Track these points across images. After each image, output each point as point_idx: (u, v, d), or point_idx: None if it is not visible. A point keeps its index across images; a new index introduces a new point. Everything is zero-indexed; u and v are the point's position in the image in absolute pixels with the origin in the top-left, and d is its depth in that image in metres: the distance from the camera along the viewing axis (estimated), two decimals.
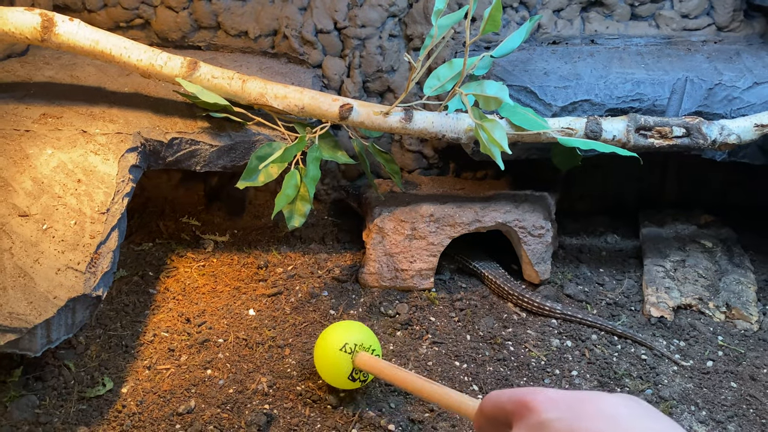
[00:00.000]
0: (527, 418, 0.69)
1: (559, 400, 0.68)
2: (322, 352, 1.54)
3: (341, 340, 1.52)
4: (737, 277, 2.02)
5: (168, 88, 1.92)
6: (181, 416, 1.50)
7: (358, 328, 1.58)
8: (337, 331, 1.57)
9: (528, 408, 0.69)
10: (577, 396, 0.69)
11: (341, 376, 1.51)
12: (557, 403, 0.68)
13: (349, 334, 1.54)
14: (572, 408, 0.67)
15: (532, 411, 0.69)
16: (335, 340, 1.53)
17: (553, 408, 0.68)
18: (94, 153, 1.68)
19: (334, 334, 1.56)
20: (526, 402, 0.70)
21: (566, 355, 1.77)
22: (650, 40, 2.22)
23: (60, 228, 1.52)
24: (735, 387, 1.70)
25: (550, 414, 0.67)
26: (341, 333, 1.55)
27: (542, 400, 0.69)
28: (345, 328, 1.58)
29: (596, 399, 0.67)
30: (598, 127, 1.80)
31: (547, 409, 0.68)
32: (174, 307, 1.84)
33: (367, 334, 1.56)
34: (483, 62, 1.87)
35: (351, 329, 1.57)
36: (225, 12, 2.14)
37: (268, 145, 1.78)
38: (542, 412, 0.68)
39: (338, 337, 1.53)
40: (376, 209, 1.98)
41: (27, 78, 1.91)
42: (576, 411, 0.66)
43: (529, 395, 0.70)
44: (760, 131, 1.83)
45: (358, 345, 1.52)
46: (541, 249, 1.97)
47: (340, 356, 1.50)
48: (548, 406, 0.68)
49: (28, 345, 1.35)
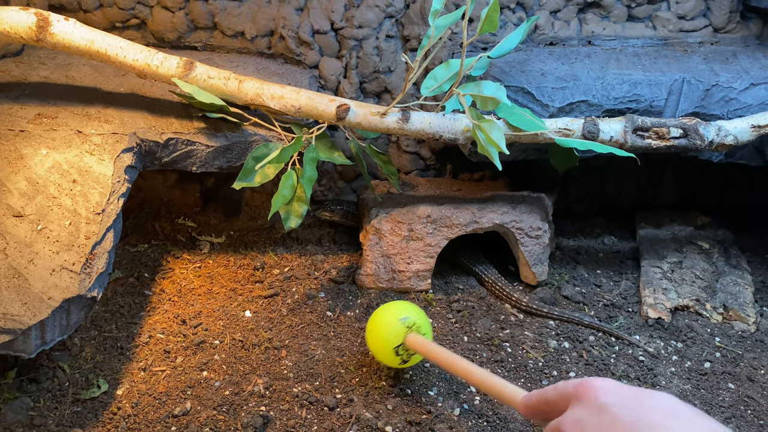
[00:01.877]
0: (587, 399, 0.73)
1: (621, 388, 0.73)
2: (381, 316, 1.59)
3: (405, 313, 1.56)
4: (734, 278, 2.02)
5: (164, 88, 1.91)
6: (177, 418, 1.49)
7: (420, 312, 1.61)
8: (402, 305, 1.62)
9: (590, 390, 0.73)
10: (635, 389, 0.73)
11: (389, 344, 1.54)
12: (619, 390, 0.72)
13: (413, 313, 1.58)
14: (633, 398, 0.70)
15: (592, 393, 0.73)
16: (399, 311, 1.58)
17: (614, 393, 0.72)
18: (90, 153, 1.67)
19: (398, 306, 1.61)
20: (588, 385, 0.74)
21: (564, 356, 1.76)
22: (647, 42, 2.22)
23: (55, 228, 1.51)
24: (732, 388, 1.69)
25: (610, 398, 0.71)
26: (407, 308, 1.60)
27: (605, 385, 0.73)
28: (409, 307, 1.62)
29: (654, 394, 0.71)
30: (595, 128, 1.80)
31: (608, 393, 0.72)
32: (170, 309, 1.83)
33: (427, 322, 1.60)
34: (480, 63, 1.87)
35: (416, 310, 1.61)
36: (221, 12, 2.14)
37: (265, 146, 1.77)
38: (602, 395, 0.72)
39: (403, 310, 1.58)
40: (373, 210, 1.98)
41: (22, 78, 1.90)
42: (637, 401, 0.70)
43: (592, 380, 0.75)
44: (756, 132, 1.83)
45: (416, 325, 1.55)
46: (538, 250, 1.97)
47: (398, 326, 1.54)
48: (610, 391, 0.72)
49: (23, 346, 1.34)
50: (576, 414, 0.73)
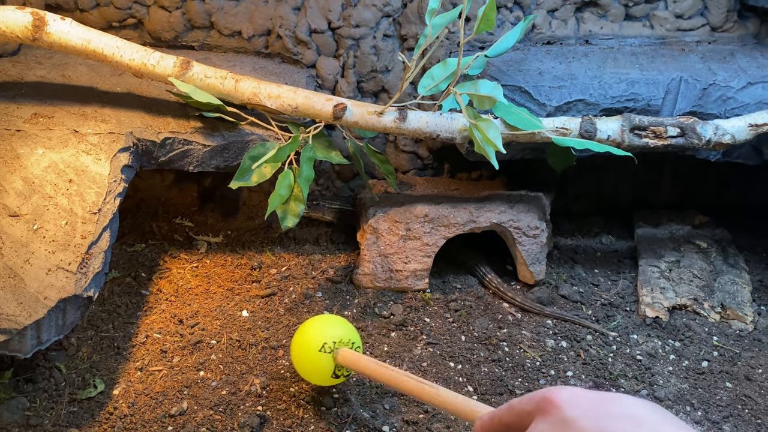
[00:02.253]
0: (550, 414, 0.69)
1: (583, 397, 0.68)
2: (301, 355, 1.48)
3: (319, 340, 1.45)
4: (732, 277, 2.02)
5: (161, 87, 1.91)
6: (174, 418, 1.48)
7: (336, 323, 1.51)
8: (313, 328, 1.49)
9: (552, 404, 0.69)
10: (600, 395, 0.68)
11: (325, 376, 1.47)
12: (582, 400, 0.68)
13: (326, 332, 1.47)
14: (597, 406, 0.67)
15: (556, 407, 0.68)
16: (312, 341, 1.46)
17: (577, 405, 0.67)
18: (86, 153, 1.67)
19: (310, 332, 1.48)
20: (550, 398, 0.69)
21: (561, 355, 1.76)
22: (644, 41, 2.22)
23: (51, 228, 1.50)
24: (730, 387, 1.69)
25: (574, 411, 0.67)
26: (319, 331, 1.48)
27: (566, 397, 0.69)
28: (322, 325, 1.50)
29: (620, 399, 0.67)
30: (592, 127, 1.80)
31: (571, 406, 0.68)
32: (167, 309, 1.82)
33: (346, 328, 1.49)
34: (477, 62, 1.87)
35: (327, 325, 1.50)
36: (218, 12, 2.13)
37: (262, 145, 1.77)
38: (566, 409, 0.68)
39: (316, 337, 1.46)
40: (370, 210, 1.97)
41: (18, 78, 1.90)
42: (601, 410, 0.66)
43: (552, 392, 0.70)
44: (754, 131, 1.83)
45: (337, 342, 1.45)
46: (536, 249, 1.97)
47: (320, 357, 1.44)
48: (573, 403, 0.68)
49: (18, 346, 1.34)
50: (539, 429, 0.69)
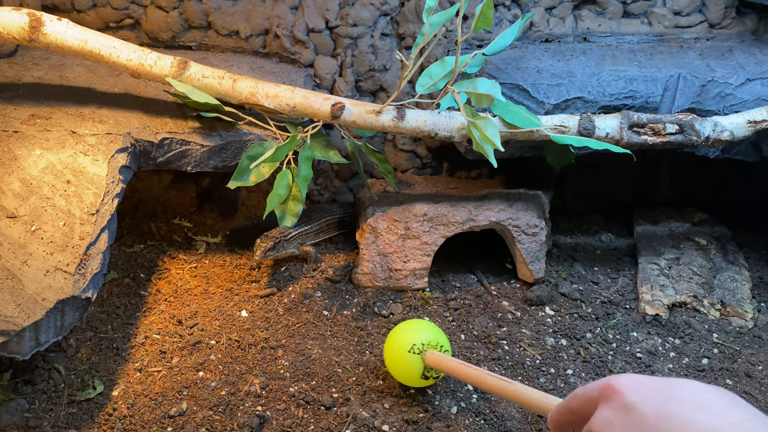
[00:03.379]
0: (613, 400, 0.70)
1: (645, 383, 0.70)
2: (393, 356, 1.55)
3: (408, 342, 1.53)
4: (732, 274, 2.02)
5: (158, 88, 1.90)
6: (173, 419, 1.48)
7: (425, 327, 1.58)
8: (404, 332, 1.58)
9: (614, 390, 0.71)
10: (662, 380, 0.70)
11: (414, 376, 1.53)
12: (644, 386, 0.69)
13: (415, 335, 1.54)
14: (659, 392, 0.68)
15: (618, 393, 0.70)
16: (403, 343, 1.54)
17: (639, 391, 0.69)
18: (84, 154, 1.67)
19: (401, 335, 1.56)
20: (612, 384, 0.71)
21: (561, 353, 1.76)
22: (643, 38, 2.22)
23: (49, 229, 1.50)
24: (731, 384, 1.69)
25: (636, 396, 0.69)
26: (408, 334, 1.55)
27: (628, 383, 0.70)
28: (412, 329, 1.58)
29: (683, 384, 0.69)
30: (591, 125, 1.80)
31: (633, 392, 0.69)
32: (166, 309, 1.82)
33: (435, 332, 1.56)
34: (475, 60, 1.86)
35: (418, 329, 1.57)
36: (216, 12, 2.13)
37: (260, 145, 1.77)
38: (628, 394, 0.69)
39: (406, 339, 1.54)
40: (369, 209, 1.97)
41: (15, 79, 1.90)
42: (663, 395, 0.67)
43: (615, 379, 0.72)
44: (753, 128, 1.83)
45: (425, 344, 1.52)
46: (535, 248, 1.97)
47: (410, 358, 1.52)
48: (635, 389, 0.69)
49: (17, 348, 1.33)
50: (603, 415, 0.71)
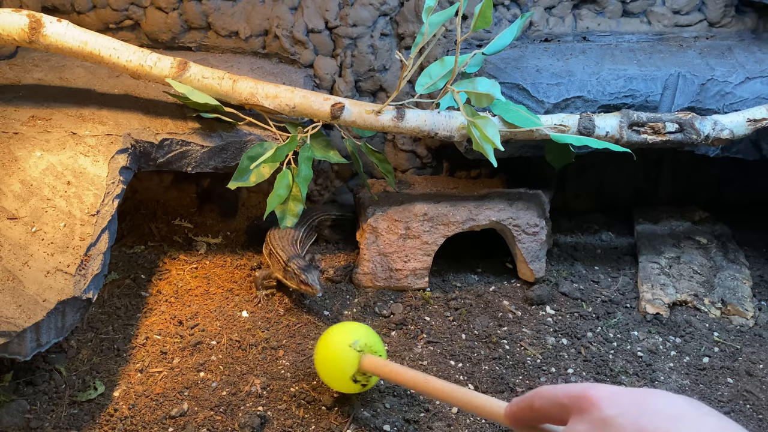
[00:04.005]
0: (588, 413, 0.68)
1: (621, 395, 0.67)
2: (329, 346, 1.49)
3: (352, 337, 1.47)
4: (732, 272, 2.02)
5: (158, 89, 1.91)
6: (174, 419, 1.48)
7: (367, 330, 1.52)
8: (346, 328, 1.53)
9: (590, 402, 0.68)
10: (639, 392, 0.67)
11: (345, 375, 1.45)
12: (620, 398, 0.67)
13: (360, 333, 1.49)
14: (635, 404, 0.66)
15: (594, 406, 0.67)
16: (345, 336, 1.48)
17: (616, 404, 0.66)
18: (84, 155, 1.67)
19: (343, 330, 1.51)
20: (588, 396, 0.68)
21: (562, 353, 1.76)
22: (642, 37, 2.22)
23: (49, 230, 1.50)
24: (731, 383, 1.69)
25: (613, 410, 0.66)
26: (352, 330, 1.50)
27: (604, 395, 0.68)
28: (355, 328, 1.53)
29: (657, 395, 0.67)
30: (591, 124, 1.80)
31: (610, 405, 0.67)
32: (166, 310, 1.82)
33: (376, 338, 1.51)
34: (475, 60, 1.86)
35: (361, 329, 1.52)
36: (215, 12, 2.13)
37: (260, 145, 1.77)
38: (605, 407, 0.67)
39: (349, 334, 1.48)
40: (369, 209, 1.97)
41: (16, 80, 1.90)
42: (640, 407, 0.65)
43: (591, 390, 0.69)
44: (752, 126, 1.83)
45: (368, 346, 1.46)
46: (535, 247, 1.97)
47: (349, 353, 1.44)
48: (611, 402, 0.67)
49: (18, 349, 1.34)
50: (579, 429, 0.68)
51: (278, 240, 1.91)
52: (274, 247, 1.88)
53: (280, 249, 1.86)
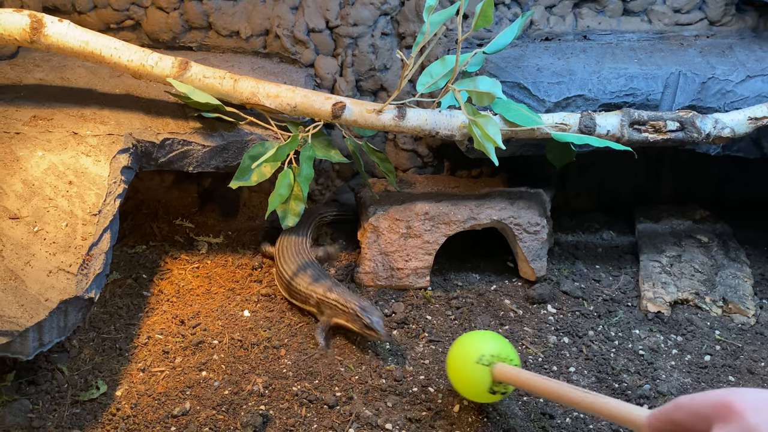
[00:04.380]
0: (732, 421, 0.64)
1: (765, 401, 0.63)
2: (458, 365, 1.47)
3: (477, 352, 1.44)
4: (733, 271, 2.02)
5: (159, 88, 1.91)
6: (176, 418, 1.48)
7: (493, 338, 1.49)
8: (471, 341, 1.50)
9: (732, 411, 0.64)
10: None
11: (481, 390, 1.44)
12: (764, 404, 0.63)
13: (484, 345, 1.46)
14: None
15: (737, 414, 0.64)
16: (471, 352, 1.45)
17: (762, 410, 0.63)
18: (86, 155, 1.67)
19: (468, 345, 1.48)
20: (730, 404, 0.65)
21: (563, 351, 1.76)
22: (643, 36, 2.22)
23: (51, 230, 1.51)
24: (733, 381, 1.69)
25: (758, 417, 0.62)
26: (477, 344, 1.47)
27: (748, 402, 0.64)
28: (480, 339, 1.50)
29: None
30: (592, 122, 1.80)
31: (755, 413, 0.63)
32: (168, 309, 1.82)
33: (504, 344, 1.48)
34: (475, 59, 1.87)
35: (486, 339, 1.49)
36: (216, 12, 2.13)
37: (261, 145, 1.77)
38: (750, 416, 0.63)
39: (474, 349, 1.45)
40: (370, 208, 1.97)
41: (17, 80, 1.90)
42: None
43: (732, 396, 0.65)
44: (754, 124, 1.83)
45: (495, 356, 1.43)
46: (536, 246, 1.97)
47: (478, 369, 1.43)
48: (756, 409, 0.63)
49: (20, 348, 1.34)
50: None
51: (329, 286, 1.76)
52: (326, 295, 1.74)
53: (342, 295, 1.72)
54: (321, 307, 1.74)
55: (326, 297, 1.72)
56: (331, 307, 1.71)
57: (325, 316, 1.73)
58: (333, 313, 1.71)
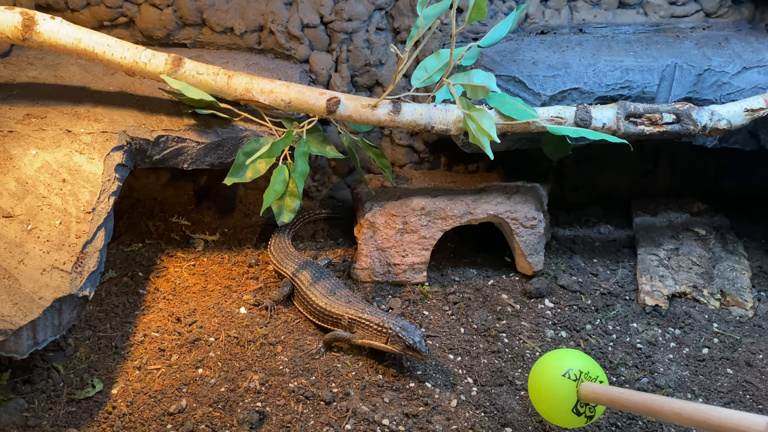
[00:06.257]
0: None
1: None
2: (541, 378, 1.38)
3: (564, 366, 1.35)
4: (731, 263, 2.01)
5: (154, 86, 1.90)
6: (173, 416, 1.48)
7: (580, 355, 1.41)
8: (558, 356, 1.42)
9: None
10: None
11: (564, 407, 1.34)
12: None
13: (572, 360, 1.37)
14: None
15: None
16: (558, 365, 1.36)
17: None
18: (79, 152, 1.66)
19: (553, 359, 1.40)
20: None
21: (561, 345, 1.76)
22: (638, 28, 2.21)
23: (45, 228, 1.50)
24: (731, 373, 1.68)
25: None
26: (563, 358, 1.39)
27: None
28: (567, 354, 1.42)
29: None
30: (587, 115, 1.79)
31: None
32: (164, 307, 1.82)
33: (591, 363, 1.39)
34: (470, 53, 1.86)
35: (575, 356, 1.40)
36: (210, 8, 2.12)
37: (255, 141, 1.76)
38: None
39: (561, 363, 1.36)
40: (366, 204, 1.97)
41: (10, 79, 1.89)
42: None
43: None
44: (750, 116, 1.82)
45: (583, 373, 1.34)
46: (533, 240, 1.96)
47: (563, 383, 1.33)
48: None
49: (14, 347, 1.33)
50: None
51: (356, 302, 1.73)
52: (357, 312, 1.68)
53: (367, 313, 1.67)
54: (353, 328, 1.67)
55: (359, 317, 1.65)
56: (364, 327, 1.64)
57: (357, 337, 1.65)
58: (365, 333, 1.64)
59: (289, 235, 2.03)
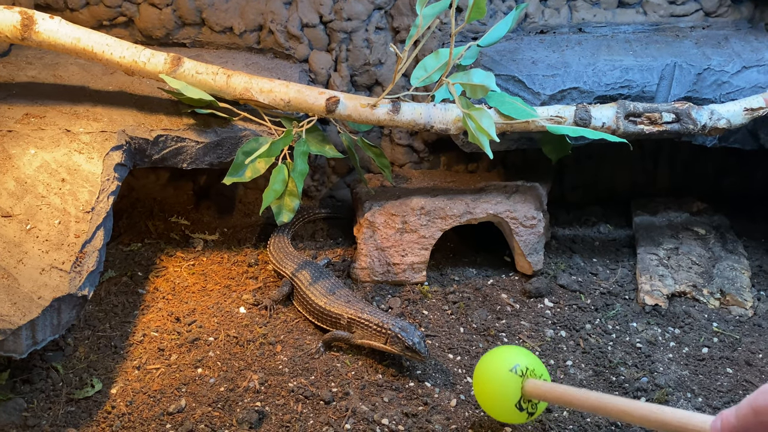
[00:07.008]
0: None
1: None
2: (486, 373, 1.40)
3: (511, 361, 1.37)
4: (731, 263, 2.01)
5: (153, 85, 1.90)
6: (172, 416, 1.48)
7: (526, 353, 1.43)
8: (504, 352, 1.44)
9: None
10: None
11: (508, 402, 1.36)
12: None
13: (518, 357, 1.39)
14: None
15: None
16: (504, 361, 1.38)
17: None
18: (78, 152, 1.66)
19: (500, 355, 1.42)
20: None
21: (561, 345, 1.76)
22: (638, 28, 2.21)
23: (44, 228, 1.50)
24: (731, 373, 1.68)
25: None
26: (510, 355, 1.41)
27: None
28: (514, 351, 1.44)
29: None
30: (587, 115, 1.79)
31: None
32: (164, 307, 1.82)
33: (537, 361, 1.41)
34: (470, 52, 1.86)
35: (521, 353, 1.42)
36: (209, 8, 2.12)
37: (255, 140, 1.76)
38: None
39: (507, 359, 1.38)
40: (366, 203, 1.97)
41: (9, 78, 1.89)
42: None
43: None
44: (749, 115, 1.82)
45: (529, 370, 1.37)
46: (533, 240, 1.96)
47: (509, 378, 1.35)
48: None
49: (13, 346, 1.33)
50: None
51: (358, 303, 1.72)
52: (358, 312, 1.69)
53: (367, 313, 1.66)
54: (352, 328, 1.67)
55: (359, 317, 1.65)
56: (363, 327, 1.65)
57: (356, 337, 1.66)
58: (365, 333, 1.64)
59: (288, 234, 2.03)
